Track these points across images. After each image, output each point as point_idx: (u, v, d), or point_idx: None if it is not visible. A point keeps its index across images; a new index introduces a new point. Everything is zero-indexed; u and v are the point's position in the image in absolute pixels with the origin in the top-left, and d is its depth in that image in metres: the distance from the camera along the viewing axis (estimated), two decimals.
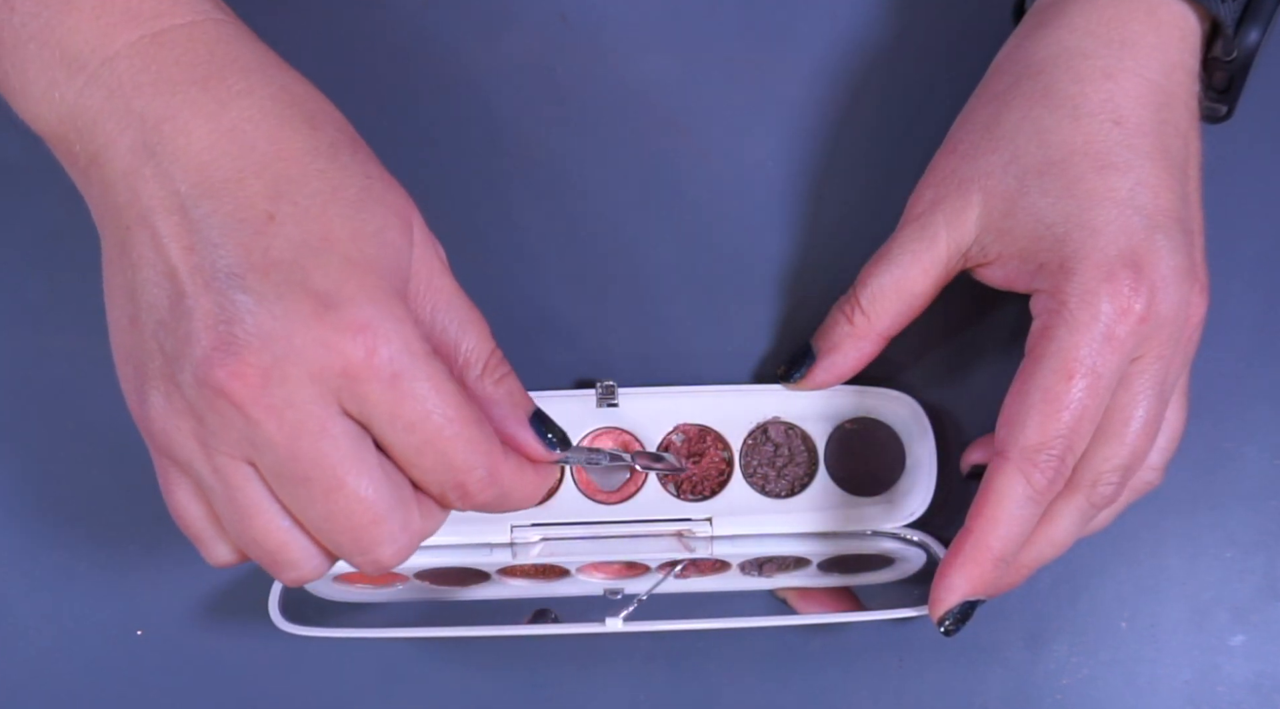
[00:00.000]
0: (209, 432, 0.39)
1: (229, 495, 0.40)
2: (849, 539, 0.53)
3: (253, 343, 0.38)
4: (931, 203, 0.48)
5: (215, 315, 0.38)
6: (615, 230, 0.55)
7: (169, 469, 0.42)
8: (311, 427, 0.39)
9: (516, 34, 0.55)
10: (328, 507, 0.40)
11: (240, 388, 0.38)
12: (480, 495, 0.42)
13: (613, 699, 0.53)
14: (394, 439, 0.40)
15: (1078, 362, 0.44)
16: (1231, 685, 0.54)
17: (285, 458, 0.39)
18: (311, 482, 0.39)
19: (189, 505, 0.42)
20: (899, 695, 0.53)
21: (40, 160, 0.54)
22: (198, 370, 0.38)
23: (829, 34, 0.55)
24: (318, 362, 0.38)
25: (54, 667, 0.53)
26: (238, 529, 0.41)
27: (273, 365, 0.38)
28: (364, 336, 0.38)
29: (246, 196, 0.39)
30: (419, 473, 0.41)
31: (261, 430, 0.38)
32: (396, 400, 0.39)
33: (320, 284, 0.39)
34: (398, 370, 0.39)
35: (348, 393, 0.39)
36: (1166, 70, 0.46)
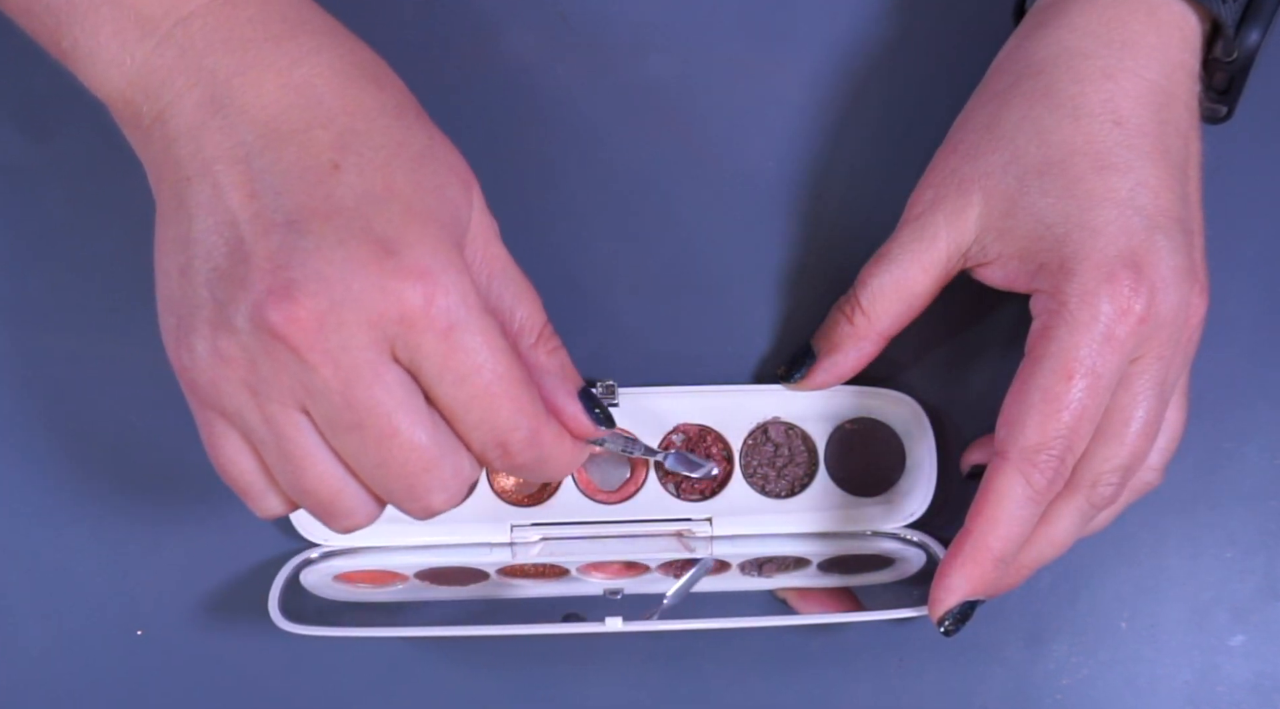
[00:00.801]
0: (261, 378, 0.39)
1: (281, 445, 0.40)
2: (849, 539, 0.53)
3: (310, 286, 0.38)
4: (931, 202, 0.48)
5: (273, 259, 0.38)
6: (615, 230, 0.55)
7: (214, 422, 0.41)
8: (366, 373, 0.39)
9: (516, 34, 0.55)
10: (381, 454, 0.40)
11: (296, 331, 0.38)
12: (520, 455, 0.42)
13: (612, 699, 0.53)
14: (443, 391, 0.40)
15: (1078, 362, 0.44)
16: (1231, 685, 0.54)
17: (340, 405, 0.39)
18: (365, 428, 0.39)
19: (237, 458, 0.42)
20: (899, 695, 0.53)
21: (40, 160, 0.54)
22: (254, 314, 0.38)
23: (829, 34, 0.55)
24: (375, 307, 0.38)
25: (54, 667, 0.53)
26: (291, 479, 0.41)
27: (329, 310, 0.38)
28: (423, 284, 0.38)
29: (312, 146, 0.40)
30: (464, 427, 0.41)
31: (316, 376, 0.38)
32: (449, 352, 0.39)
33: (381, 231, 0.39)
34: (453, 321, 0.39)
35: (402, 341, 0.39)
36: (1167, 71, 0.46)
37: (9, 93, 0.54)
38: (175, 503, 0.53)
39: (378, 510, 0.43)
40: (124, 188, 0.54)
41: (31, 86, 0.54)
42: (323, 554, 0.52)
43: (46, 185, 0.54)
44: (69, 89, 0.54)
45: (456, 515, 0.53)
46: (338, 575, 0.51)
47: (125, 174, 0.54)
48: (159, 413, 0.53)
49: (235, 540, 0.53)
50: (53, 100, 0.54)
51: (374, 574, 0.52)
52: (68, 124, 0.54)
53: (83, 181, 0.54)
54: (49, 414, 0.54)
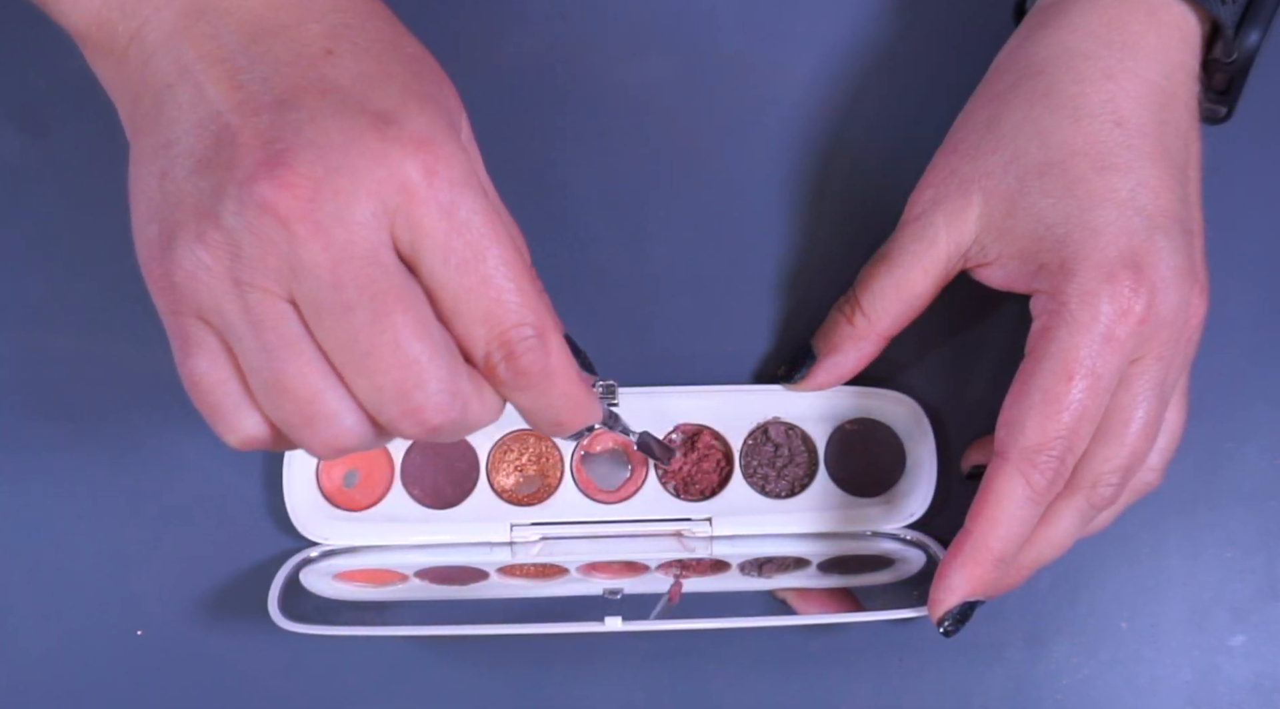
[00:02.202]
0: (244, 263, 0.36)
1: (260, 336, 0.37)
2: (849, 540, 0.53)
3: (304, 154, 0.35)
4: (931, 203, 0.48)
5: (262, 135, 0.36)
6: (615, 230, 0.55)
7: (189, 326, 0.38)
8: (360, 249, 0.36)
9: (516, 33, 0.55)
10: (371, 341, 0.36)
11: (288, 199, 0.35)
12: (526, 358, 0.38)
13: (612, 699, 0.53)
14: (445, 279, 0.37)
15: (1078, 362, 0.44)
16: (1231, 685, 0.54)
17: (329, 283, 0.36)
18: (354, 310, 0.36)
19: (211, 366, 0.38)
20: (899, 695, 0.53)
21: (40, 160, 0.54)
22: (242, 188, 0.35)
23: (829, 34, 0.55)
24: (373, 176, 0.36)
25: (54, 667, 0.53)
26: (268, 376, 0.37)
27: (325, 177, 0.35)
28: (424, 154, 0.36)
29: (303, 37, 0.38)
30: (464, 325, 0.38)
31: (305, 249, 0.35)
32: (452, 231, 0.36)
33: (379, 105, 0.37)
34: (456, 199, 0.36)
35: (401, 216, 0.36)
36: (1167, 71, 0.46)
37: (8, 92, 0.54)
38: (175, 503, 0.53)
39: (362, 425, 0.38)
40: (123, 188, 0.54)
41: (30, 85, 0.54)
42: (322, 553, 0.52)
43: (45, 185, 0.54)
44: (68, 88, 0.54)
45: (456, 515, 0.53)
46: (337, 574, 0.51)
47: (124, 175, 0.54)
48: (159, 413, 0.53)
49: (235, 540, 0.53)
50: (51, 99, 0.54)
51: (374, 573, 0.52)
52: (66, 123, 0.54)
53: (82, 181, 0.54)
54: (49, 414, 0.54)
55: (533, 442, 0.54)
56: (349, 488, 0.53)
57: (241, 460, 0.53)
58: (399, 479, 0.53)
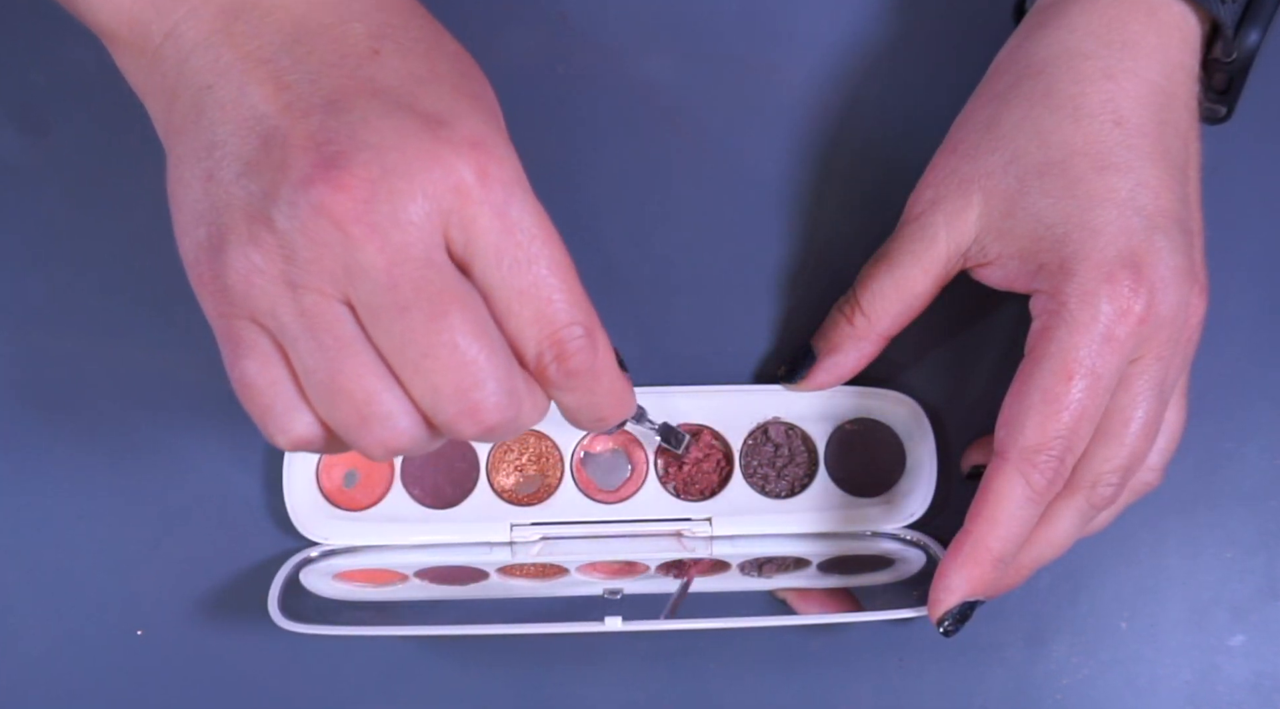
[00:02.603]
0: (299, 267, 0.36)
1: (316, 338, 0.37)
2: (849, 540, 0.53)
3: (360, 155, 0.35)
4: (931, 203, 0.48)
5: (314, 137, 0.36)
6: (615, 230, 0.55)
7: (241, 330, 0.38)
8: (416, 251, 0.36)
9: (517, 33, 0.55)
10: (429, 341, 0.36)
11: (345, 200, 0.35)
12: (576, 358, 0.38)
13: (612, 698, 0.53)
14: (498, 280, 0.37)
15: (1077, 362, 0.44)
16: (1231, 685, 0.54)
17: (385, 285, 0.36)
18: (411, 311, 0.36)
19: (264, 368, 0.38)
20: (899, 695, 0.53)
21: (40, 160, 0.54)
22: (297, 190, 0.35)
23: (829, 34, 0.55)
24: (429, 177, 0.36)
25: (54, 667, 0.53)
26: (325, 377, 0.37)
27: (381, 177, 0.35)
28: (477, 154, 0.36)
29: (348, 37, 0.38)
30: (516, 325, 0.38)
31: (362, 251, 0.35)
32: (505, 232, 0.37)
33: (429, 106, 0.37)
34: (509, 200, 0.37)
35: (456, 217, 0.36)
36: (1167, 71, 0.46)
37: (8, 92, 0.55)
38: (175, 503, 0.53)
39: (418, 426, 0.38)
40: (124, 188, 0.54)
41: (30, 85, 0.54)
42: (322, 553, 0.52)
43: (46, 184, 0.54)
44: (68, 87, 0.54)
45: (456, 515, 0.53)
46: (337, 574, 0.51)
47: (125, 174, 0.54)
48: (159, 413, 0.53)
49: (235, 540, 0.53)
50: (51, 99, 0.54)
51: (374, 573, 0.52)
52: (66, 123, 0.54)
53: (82, 180, 0.54)
54: (49, 414, 0.54)
55: (533, 441, 0.54)
56: (349, 488, 0.53)
57: (242, 460, 0.53)
58: (399, 479, 0.53)
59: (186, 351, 0.54)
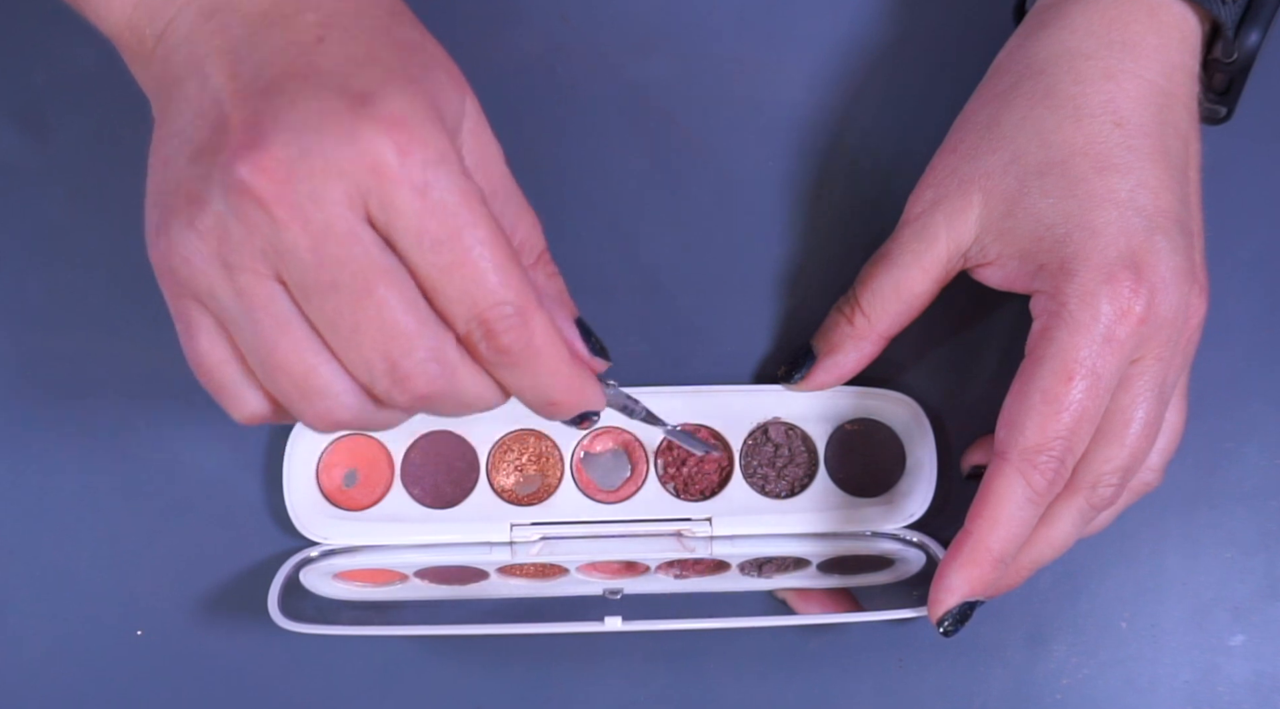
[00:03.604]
0: (232, 246, 0.37)
1: (252, 316, 0.38)
2: (849, 540, 0.53)
3: (279, 137, 0.36)
4: (931, 203, 0.48)
5: (247, 121, 0.37)
6: (615, 230, 0.55)
7: (189, 310, 0.39)
8: (339, 228, 0.36)
9: (516, 34, 0.55)
10: (356, 316, 0.37)
11: (265, 182, 0.36)
12: (507, 337, 0.38)
13: (612, 698, 0.53)
14: (419, 259, 0.37)
15: (1078, 363, 0.44)
16: (1231, 685, 0.54)
17: (312, 263, 0.37)
18: (340, 288, 0.37)
19: (212, 348, 0.39)
20: (899, 695, 0.53)
21: (40, 160, 0.54)
22: (224, 173, 0.36)
23: (829, 34, 0.55)
24: (345, 156, 0.36)
25: (54, 667, 0.53)
26: (263, 354, 0.38)
27: (299, 158, 0.36)
28: (396, 133, 0.36)
29: (298, 25, 0.39)
30: (444, 303, 0.38)
31: (285, 233, 0.36)
32: (425, 211, 0.37)
33: (359, 86, 0.37)
34: (430, 179, 0.37)
35: (376, 198, 0.37)
36: (1167, 72, 0.46)
37: (9, 92, 0.55)
38: (175, 502, 0.53)
39: (356, 396, 0.39)
40: (124, 188, 0.54)
41: (30, 85, 0.54)
42: (322, 552, 0.52)
43: (46, 184, 0.54)
44: (68, 88, 0.54)
45: (456, 514, 0.53)
46: (337, 574, 0.51)
47: (125, 174, 0.54)
48: (159, 413, 0.53)
49: (235, 540, 0.53)
50: (52, 99, 0.54)
51: (373, 573, 0.52)
52: (67, 123, 0.54)
53: (82, 181, 0.54)
54: (49, 414, 0.54)
55: (533, 441, 0.54)
56: (349, 488, 0.53)
57: (241, 459, 0.53)
58: (399, 479, 0.53)
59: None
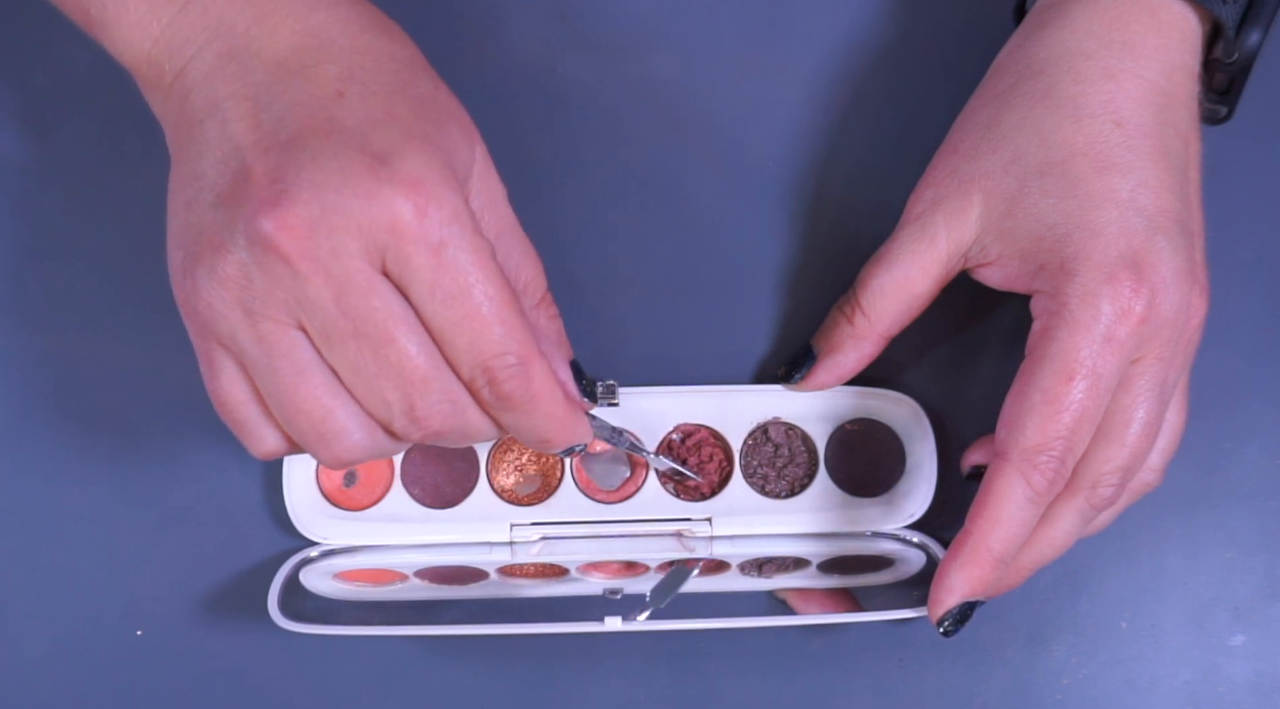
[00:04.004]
0: (255, 295, 0.39)
1: (273, 363, 0.40)
2: (849, 540, 0.53)
3: (302, 195, 0.38)
4: (932, 203, 0.48)
5: (270, 174, 0.39)
6: (615, 230, 0.55)
7: (213, 351, 0.41)
8: (359, 281, 0.39)
9: (516, 33, 0.55)
10: (379, 363, 0.40)
11: (287, 239, 0.38)
12: (508, 384, 0.41)
13: (612, 698, 0.53)
14: (432, 310, 0.40)
15: (1078, 363, 0.44)
16: (1231, 685, 0.54)
17: (334, 314, 0.39)
18: (362, 336, 0.39)
19: (233, 388, 0.42)
20: (899, 695, 0.53)
21: (41, 160, 0.54)
22: (248, 226, 0.38)
23: (829, 34, 0.55)
24: (365, 215, 0.38)
25: (54, 667, 0.53)
26: (282, 399, 0.41)
27: (320, 216, 0.38)
28: (414, 195, 0.39)
29: (319, 78, 0.41)
30: (452, 351, 0.41)
31: (309, 286, 0.39)
32: (439, 268, 0.39)
33: (378, 146, 0.39)
34: (445, 238, 0.39)
35: (393, 254, 0.39)
36: (1167, 72, 0.46)
37: (9, 93, 0.54)
38: (175, 503, 0.53)
39: (372, 436, 0.42)
40: (124, 188, 0.54)
41: (31, 86, 0.54)
42: (322, 553, 0.52)
43: (46, 184, 0.54)
44: (69, 88, 0.54)
45: (456, 514, 0.53)
46: (337, 574, 0.51)
47: (125, 174, 0.54)
48: (159, 413, 0.53)
49: (235, 540, 0.53)
50: (53, 100, 0.54)
51: (373, 572, 0.52)
52: (68, 123, 0.54)
53: (82, 181, 0.54)
54: (49, 414, 0.54)
55: None
56: (349, 488, 0.53)
57: (241, 461, 0.53)
58: (399, 479, 0.53)
59: (186, 352, 0.53)
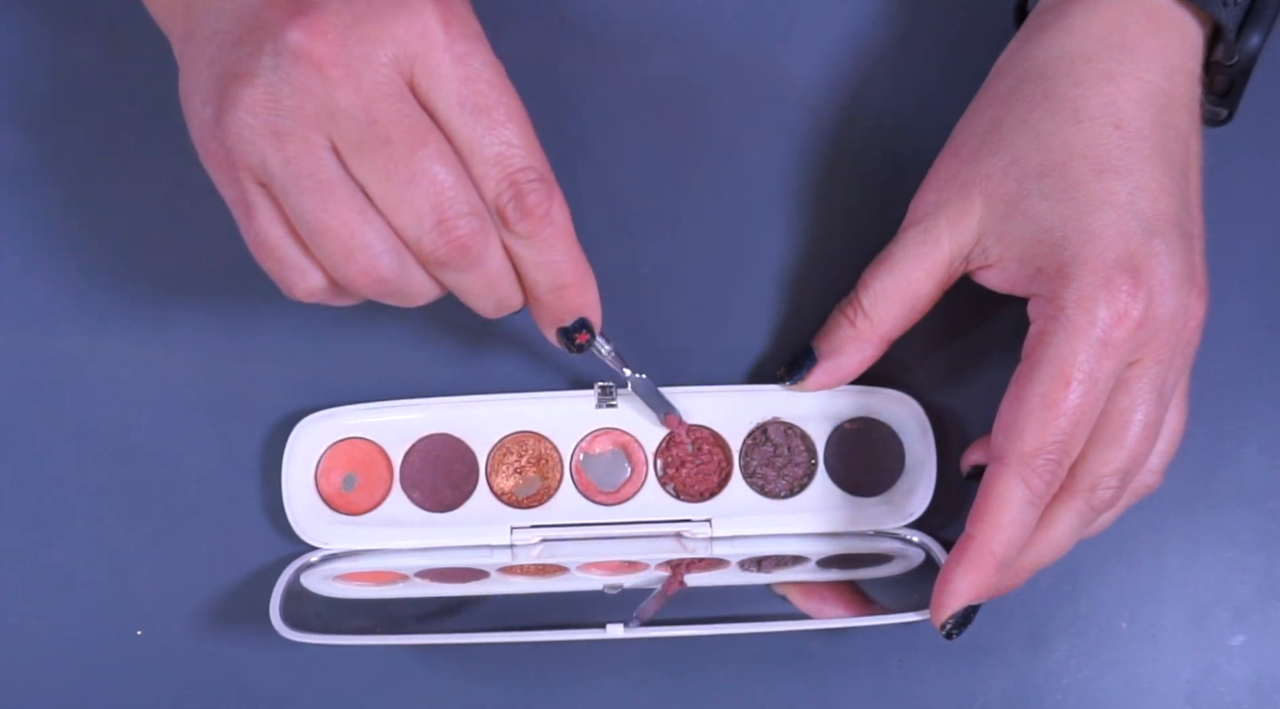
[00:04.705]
0: (283, 113, 0.39)
1: (301, 182, 0.40)
2: (848, 539, 0.53)
3: (332, 3, 0.39)
4: (934, 206, 0.48)
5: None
6: (615, 230, 0.55)
7: (246, 191, 0.41)
8: (390, 88, 0.39)
9: (516, 33, 0.55)
10: (410, 168, 0.40)
11: (320, 45, 0.39)
12: (533, 196, 0.41)
13: (613, 700, 0.53)
14: (459, 123, 0.40)
15: (1075, 367, 0.44)
16: (1231, 685, 0.54)
17: (365, 121, 0.39)
18: (393, 143, 0.40)
19: (271, 226, 0.42)
20: (899, 696, 0.54)
21: (41, 160, 0.54)
22: (276, 40, 0.39)
23: (830, 35, 0.55)
24: (397, 22, 0.39)
25: (54, 667, 0.53)
26: (310, 220, 0.40)
27: (352, 23, 0.39)
28: (441, 7, 0.39)
29: None
30: (478, 164, 0.41)
31: (339, 92, 0.39)
32: (467, 79, 0.40)
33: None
34: (471, 50, 0.40)
35: (422, 63, 0.40)
36: (1168, 74, 0.46)
37: (9, 92, 0.54)
38: (175, 504, 0.53)
39: (395, 255, 0.42)
40: (124, 188, 0.54)
41: (31, 85, 0.54)
42: (322, 557, 0.52)
43: (46, 184, 0.54)
44: (69, 88, 0.54)
45: (456, 518, 0.53)
46: (339, 575, 0.51)
47: (125, 174, 0.54)
48: (159, 413, 0.53)
49: (234, 543, 0.53)
50: (53, 100, 0.54)
51: (374, 575, 0.52)
52: (67, 123, 0.54)
53: (82, 181, 0.54)
54: (49, 415, 0.54)
55: (532, 443, 0.54)
56: (348, 491, 0.53)
57: (240, 462, 0.53)
58: (398, 482, 0.53)
59: (186, 352, 0.54)
